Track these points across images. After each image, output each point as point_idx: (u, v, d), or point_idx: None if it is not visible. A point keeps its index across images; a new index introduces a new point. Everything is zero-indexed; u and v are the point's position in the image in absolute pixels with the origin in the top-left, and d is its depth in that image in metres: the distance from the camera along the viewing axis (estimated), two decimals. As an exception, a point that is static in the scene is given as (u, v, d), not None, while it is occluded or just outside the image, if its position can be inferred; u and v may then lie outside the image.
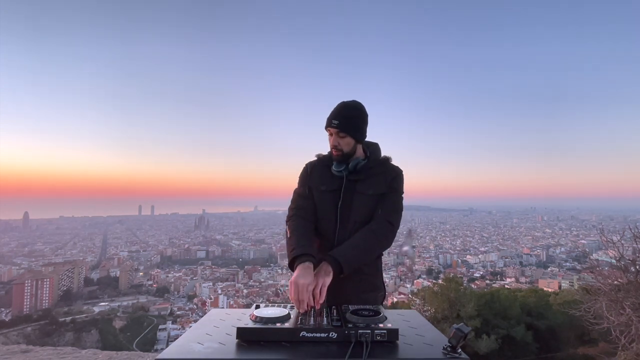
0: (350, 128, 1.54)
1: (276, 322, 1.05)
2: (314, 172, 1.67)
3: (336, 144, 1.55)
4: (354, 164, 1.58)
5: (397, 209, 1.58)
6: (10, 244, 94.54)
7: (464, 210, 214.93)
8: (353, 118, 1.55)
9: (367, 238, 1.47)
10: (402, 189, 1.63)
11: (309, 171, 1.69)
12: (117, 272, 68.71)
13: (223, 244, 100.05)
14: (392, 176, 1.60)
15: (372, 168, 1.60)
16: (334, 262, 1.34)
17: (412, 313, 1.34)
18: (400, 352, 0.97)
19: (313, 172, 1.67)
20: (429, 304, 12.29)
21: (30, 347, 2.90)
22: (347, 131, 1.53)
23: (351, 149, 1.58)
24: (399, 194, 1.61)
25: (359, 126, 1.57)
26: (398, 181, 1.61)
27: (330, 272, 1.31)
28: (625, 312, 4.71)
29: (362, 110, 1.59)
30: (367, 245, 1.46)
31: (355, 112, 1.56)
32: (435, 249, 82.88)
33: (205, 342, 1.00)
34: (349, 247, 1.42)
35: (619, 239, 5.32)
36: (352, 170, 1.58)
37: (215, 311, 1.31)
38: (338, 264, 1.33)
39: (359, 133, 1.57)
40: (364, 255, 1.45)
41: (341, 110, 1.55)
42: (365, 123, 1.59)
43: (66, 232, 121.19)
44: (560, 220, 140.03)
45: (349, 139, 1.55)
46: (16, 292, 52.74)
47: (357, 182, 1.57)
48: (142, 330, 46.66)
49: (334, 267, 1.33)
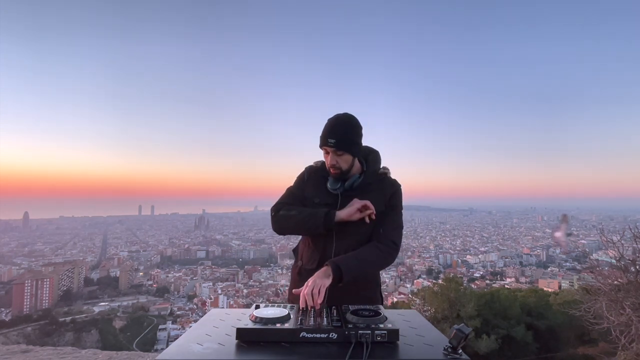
0: (347, 146, 1.48)
1: (276, 322, 1.05)
2: (310, 180, 1.63)
3: (334, 163, 1.50)
4: (350, 183, 1.54)
5: (399, 227, 1.56)
6: (10, 244, 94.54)
7: (464, 210, 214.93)
8: (348, 134, 1.49)
9: (372, 253, 1.45)
10: (401, 204, 1.60)
11: (306, 177, 1.64)
12: (117, 272, 68.73)
13: (223, 244, 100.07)
14: (390, 192, 1.57)
15: (370, 184, 1.56)
16: (336, 268, 1.32)
17: (412, 313, 1.34)
18: (401, 353, 0.96)
19: (309, 180, 1.63)
20: (429, 304, 12.28)
21: (30, 347, 2.90)
22: (344, 149, 1.48)
23: (349, 166, 1.53)
24: (399, 210, 1.58)
25: (355, 141, 1.51)
26: (397, 198, 1.58)
27: (330, 275, 1.30)
28: (625, 312, 4.71)
29: (356, 124, 1.53)
30: (371, 260, 1.44)
31: (349, 127, 1.50)
32: (435, 249, 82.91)
33: (205, 343, 1.00)
34: (352, 258, 1.40)
35: (619, 239, 5.30)
36: (348, 188, 1.54)
37: (215, 311, 1.31)
38: (339, 270, 1.32)
39: (356, 148, 1.53)
40: (365, 267, 1.44)
41: (335, 127, 1.49)
42: (359, 136, 1.55)
43: (66, 232, 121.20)
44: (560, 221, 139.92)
45: (347, 157, 1.50)
46: (16, 292, 52.75)
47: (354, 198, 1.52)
48: (142, 330, 46.67)
49: (335, 273, 1.31)
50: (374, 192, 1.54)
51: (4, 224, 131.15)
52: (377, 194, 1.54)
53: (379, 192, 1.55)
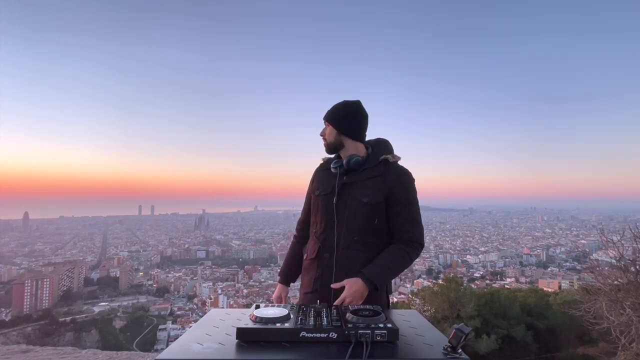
0: (331, 117, 1.57)
1: (276, 322, 1.05)
2: (316, 176, 1.71)
3: (322, 134, 1.62)
4: (347, 161, 1.54)
5: (415, 221, 1.52)
6: (10, 244, 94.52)
7: (464, 210, 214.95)
8: (338, 109, 1.58)
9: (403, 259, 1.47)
10: (413, 196, 1.52)
11: (315, 175, 1.72)
12: (117, 272, 68.73)
13: (223, 244, 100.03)
14: (394, 182, 1.49)
15: (369, 169, 1.52)
16: (370, 283, 1.39)
17: (412, 313, 1.34)
18: (401, 353, 0.96)
19: (316, 176, 1.71)
20: (429, 304, 12.27)
21: (30, 347, 2.89)
22: (328, 120, 1.58)
23: (333, 140, 1.57)
24: (411, 202, 1.51)
25: (344, 118, 1.56)
26: (403, 188, 1.50)
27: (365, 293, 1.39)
28: (625, 312, 4.71)
29: (354, 107, 1.58)
30: (402, 266, 1.48)
31: (342, 106, 1.59)
32: (435, 249, 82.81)
33: (205, 342, 1.00)
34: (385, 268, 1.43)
35: (619, 239, 5.30)
36: (347, 167, 1.54)
37: (215, 311, 1.31)
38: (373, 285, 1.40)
39: (342, 125, 1.56)
40: (396, 274, 1.50)
41: (334, 106, 1.61)
42: (355, 119, 1.56)
43: (66, 232, 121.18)
44: (560, 220, 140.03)
45: (330, 128, 1.58)
46: (16, 292, 52.74)
47: (352, 185, 1.52)
48: (142, 330, 46.65)
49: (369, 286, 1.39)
50: (373, 178, 1.50)
51: (4, 224, 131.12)
52: (376, 181, 1.49)
53: (378, 180, 1.49)
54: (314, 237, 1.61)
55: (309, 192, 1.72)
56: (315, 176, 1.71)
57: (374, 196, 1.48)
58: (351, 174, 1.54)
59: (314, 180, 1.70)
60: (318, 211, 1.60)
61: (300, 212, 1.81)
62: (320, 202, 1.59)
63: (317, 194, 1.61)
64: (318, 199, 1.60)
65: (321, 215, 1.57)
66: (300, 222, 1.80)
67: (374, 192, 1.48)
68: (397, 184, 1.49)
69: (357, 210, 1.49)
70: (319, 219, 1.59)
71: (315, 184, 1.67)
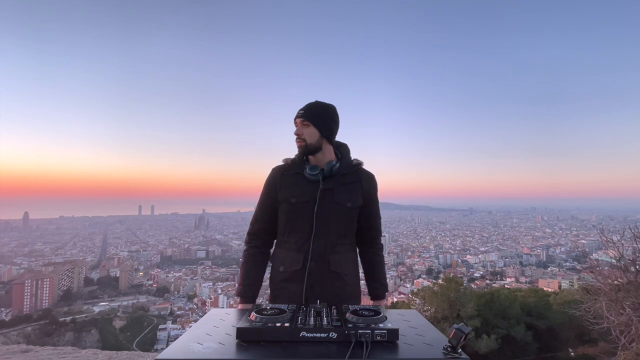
0: (314, 117, 1.50)
1: (276, 322, 1.05)
2: (283, 180, 1.55)
3: (299, 133, 1.50)
4: (329, 168, 1.50)
5: (380, 217, 1.69)
6: (10, 244, 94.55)
7: (464, 210, 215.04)
8: (320, 110, 1.53)
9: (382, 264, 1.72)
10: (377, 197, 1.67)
11: (278, 179, 1.56)
12: (117, 272, 68.74)
13: (223, 244, 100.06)
14: (369, 185, 1.60)
15: (346, 175, 1.54)
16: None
17: (412, 313, 1.34)
18: (401, 352, 0.96)
19: (283, 181, 1.55)
20: (429, 303, 12.27)
21: (30, 347, 2.90)
22: (310, 120, 1.49)
23: (315, 142, 1.50)
24: (377, 202, 1.66)
25: (326, 120, 1.52)
26: (375, 190, 1.63)
27: None
28: (625, 312, 4.71)
29: (333, 110, 1.56)
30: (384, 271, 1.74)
31: (322, 106, 1.54)
32: (435, 249, 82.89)
33: (205, 342, 1.00)
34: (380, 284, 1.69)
35: (619, 239, 5.31)
36: (328, 174, 1.50)
37: (215, 311, 1.31)
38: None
39: (325, 127, 1.52)
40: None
41: (310, 104, 1.54)
42: (334, 122, 1.55)
43: (66, 232, 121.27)
44: (560, 220, 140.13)
45: (312, 129, 1.50)
46: (16, 292, 52.77)
47: (333, 191, 1.50)
48: (142, 330, 46.67)
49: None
50: (351, 183, 1.55)
51: (4, 224, 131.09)
52: (355, 185, 1.55)
53: (356, 184, 1.56)
54: (293, 247, 1.50)
55: (273, 199, 1.55)
56: (279, 181, 1.55)
57: (356, 200, 1.54)
58: (330, 179, 1.51)
59: (282, 187, 1.54)
60: (296, 219, 1.50)
61: (252, 221, 1.63)
62: (298, 210, 1.49)
63: (295, 201, 1.50)
64: (295, 207, 1.50)
65: (301, 223, 1.49)
66: (257, 232, 1.60)
67: (356, 196, 1.54)
68: (371, 187, 1.61)
69: (342, 216, 1.51)
70: (298, 227, 1.49)
71: (288, 191, 1.52)
